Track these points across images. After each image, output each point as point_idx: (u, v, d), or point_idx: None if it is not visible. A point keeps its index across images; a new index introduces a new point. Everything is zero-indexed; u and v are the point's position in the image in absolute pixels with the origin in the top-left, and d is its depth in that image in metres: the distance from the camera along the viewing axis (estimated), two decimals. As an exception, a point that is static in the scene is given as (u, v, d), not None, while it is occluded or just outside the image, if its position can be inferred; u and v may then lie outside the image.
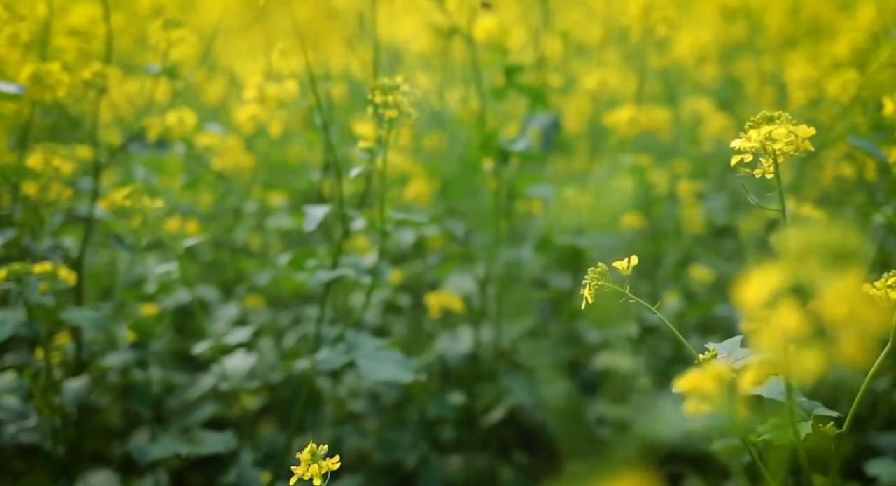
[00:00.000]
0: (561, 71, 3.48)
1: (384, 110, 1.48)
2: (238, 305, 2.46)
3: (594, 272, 1.14)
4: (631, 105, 2.54)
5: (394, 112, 1.47)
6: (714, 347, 1.15)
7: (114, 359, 1.80)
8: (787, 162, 1.03)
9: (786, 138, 1.00)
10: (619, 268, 1.16)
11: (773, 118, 1.03)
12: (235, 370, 1.83)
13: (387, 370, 1.67)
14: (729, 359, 1.07)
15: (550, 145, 2.17)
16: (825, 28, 3.86)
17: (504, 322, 2.41)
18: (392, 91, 1.48)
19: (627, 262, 1.15)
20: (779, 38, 3.36)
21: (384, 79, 1.49)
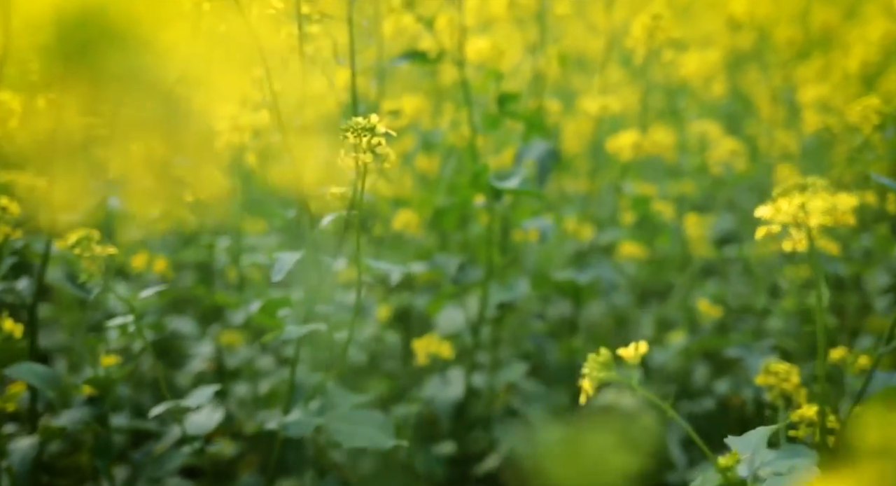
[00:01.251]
0: (561, 86, 3.32)
1: (358, 154, 1.32)
2: (214, 342, 2.30)
3: (595, 361, 0.98)
4: (634, 128, 2.39)
5: (369, 157, 1.31)
6: (735, 444, 0.98)
7: (67, 418, 1.64)
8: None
9: (823, 211, 0.84)
10: (625, 357, 1.00)
11: (807, 186, 0.87)
12: (200, 428, 1.67)
13: (364, 435, 1.51)
14: (754, 464, 0.90)
15: (547, 177, 2.01)
16: (835, 38, 3.70)
17: (499, 366, 2.26)
18: (367, 133, 1.31)
19: (635, 349, 0.99)
20: (788, 50, 3.19)
21: (358, 118, 1.32)
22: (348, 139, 1.33)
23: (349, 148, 1.33)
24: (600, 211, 2.98)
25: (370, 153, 1.32)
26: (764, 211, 0.91)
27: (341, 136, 1.34)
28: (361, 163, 1.32)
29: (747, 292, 2.90)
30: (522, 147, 2.05)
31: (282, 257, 1.52)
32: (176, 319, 2.51)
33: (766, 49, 3.71)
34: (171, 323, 2.47)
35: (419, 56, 1.87)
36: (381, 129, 1.33)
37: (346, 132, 1.33)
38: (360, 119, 1.33)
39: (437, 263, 2.08)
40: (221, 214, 2.21)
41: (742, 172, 2.56)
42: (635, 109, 3.35)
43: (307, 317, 1.67)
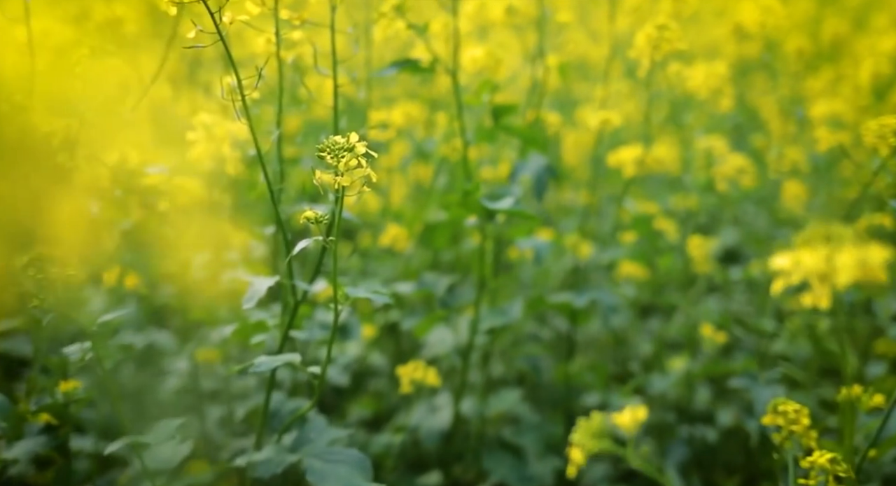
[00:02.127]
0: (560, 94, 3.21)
1: (336, 176, 1.20)
2: (190, 359, 2.19)
3: (586, 429, 0.86)
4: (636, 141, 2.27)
5: (347, 180, 1.20)
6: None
7: (21, 448, 1.52)
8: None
9: (852, 267, 0.72)
10: (622, 426, 0.88)
11: (833, 236, 0.75)
12: (165, 463, 1.55)
13: (339, 476, 1.39)
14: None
15: (544, 194, 1.89)
16: (845, 49, 3.58)
17: (490, 389, 2.14)
18: (345, 153, 1.20)
19: (632, 416, 0.87)
20: (798, 61, 3.07)
21: (336, 137, 1.21)
22: (325, 160, 1.21)
23: (326, 169, 1.22)
24: (600, 225, 2.86)
25: (348, 175, 1.20)
26: (783, 262, 0.79)
27: (316, 155, 1.22)
28: (339, 186, 1.21)
29: (750, 311, 2.79)
30: (518, 163, 1.93)
31: (254, 284, 1.40)
32: (155, 331, 2.40)
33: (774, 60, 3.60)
34: (151, 336, 2.36)
35: (410, 65, 1.76)
36: (360, 149, 1.21)
37: (323, 153, 1.21)
38: (339, 138, 1.21)
39: (426, 283, 1.96)
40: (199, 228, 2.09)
41: (749, 189, 2.45)
42: (637, 120, 3.25)
43: (283, 342, 1.56)
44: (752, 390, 1.91)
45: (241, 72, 1.47)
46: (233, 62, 1.33)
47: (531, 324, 2.42)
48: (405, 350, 2.37)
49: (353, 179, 1.21)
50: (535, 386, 2.46)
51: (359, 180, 1.22)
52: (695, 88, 2.19)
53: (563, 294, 2.10)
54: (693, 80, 2.12)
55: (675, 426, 2.21)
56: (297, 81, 1.77)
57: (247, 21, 1.43)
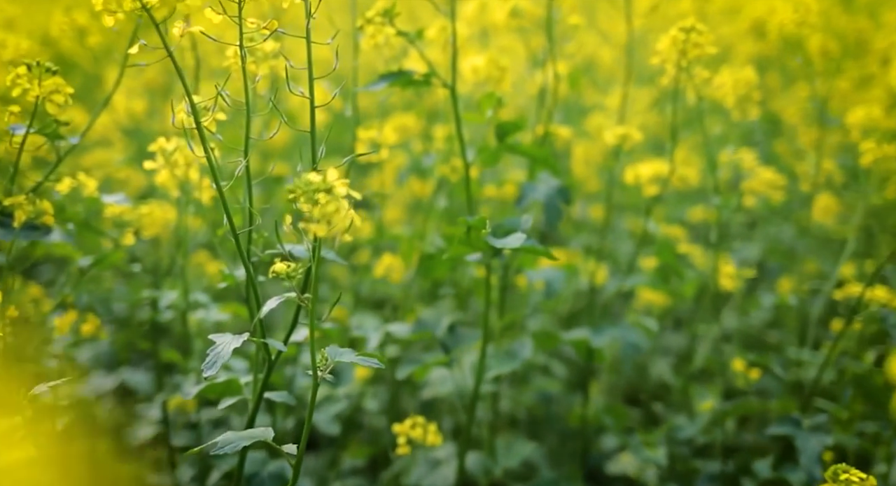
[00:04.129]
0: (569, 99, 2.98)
1: (309, 223, 0.97)
2: (163, 408, 1.96)
3: None
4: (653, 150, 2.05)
5: (322, 229, 0.97)
6: None
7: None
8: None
9: None
10: None
11: None
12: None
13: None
14: None
15: (557, 221, 1.67)
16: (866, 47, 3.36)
17: (496, 431, 1.92)
18: (322, 194, 0.97)
19: None
20: (823, 62, 2.84)
21: (310, 177, 0.98)
22: (298, 204, 0.99)
23: (300, 214, 0.99)
24: (614, 243, 2.64)
25: (325, 223, 0.97)
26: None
27: (287, 197, 1.00)
28: (313, 235, 0.98)
29: (775, 333, 2.56)
30: (527, 185, 1.70)
31: (217, 346, 1.17)
32: (129, 371, 2.18)
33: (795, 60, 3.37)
34: (123, 375, 2.14)
35: (402, 78, 1.53)
36: (340, 189, 0.98)
37: (295, 193, 0.99)
38: (314, 177, 0.99)
39: (424, 323, 1.73)
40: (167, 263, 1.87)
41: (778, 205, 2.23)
42: (653, 128, 3.01)
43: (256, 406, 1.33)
44: (797, 438, 1.68)
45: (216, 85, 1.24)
46: (185, 84, 1.11)
47: (541, 354, 2.20)
48: (403, 389, 2.16)
49: (333, 227, 0.99)
50: (546, 422, 2.24)
51: (340, 225, 0.99)
52: (721, 95, 1.96)
53: (579, 330, 1.87)
54: (720, 87, 1.89)
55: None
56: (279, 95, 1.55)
57: (204, 32, 1.20)
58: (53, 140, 1.47)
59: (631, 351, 1.78)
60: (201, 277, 2.22)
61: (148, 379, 2.13)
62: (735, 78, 1.94)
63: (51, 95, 1.37)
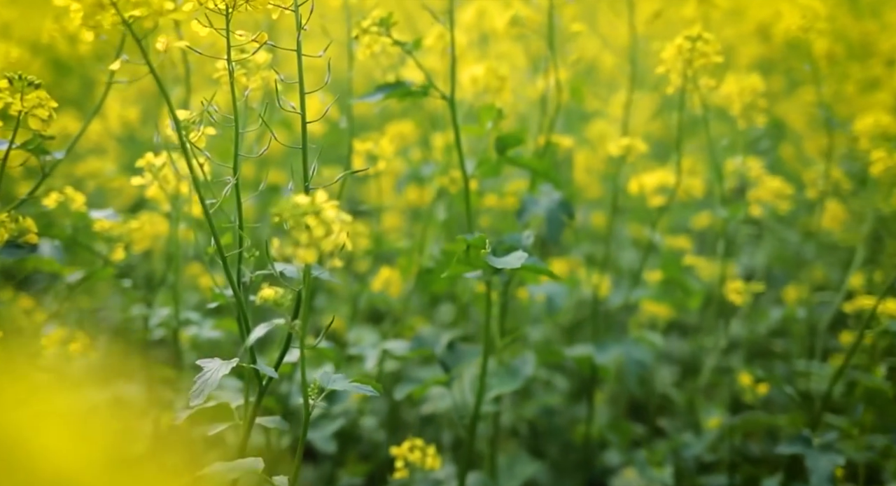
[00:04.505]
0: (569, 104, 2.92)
1: (296, 250, 0.92)
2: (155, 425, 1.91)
3: None
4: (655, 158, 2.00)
5: (311, 255, 0.92)
6: None
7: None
8: None
9: None
10: None
11: None
12: None
13: None
14: None
15: (559, 235, 1.62)
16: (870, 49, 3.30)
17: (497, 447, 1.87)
18: (311, 218, 0.92)
19: None
20: (829, 65, 2.78)
21: (298, 199, 0.93)
22: (287, 228, 0.94)
23: (289, 239, 0.94)
24: (615, 251, 2.58)
25: (314, 249, 0.92)
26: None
27: (273, 220, 0.95)
28: (303, 261, 0.93)
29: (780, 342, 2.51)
30: (528, 198, 1.65)
31: (206, 372, 1.12)
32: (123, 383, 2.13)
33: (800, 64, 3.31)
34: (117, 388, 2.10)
35: (399, 89, 1.48)
36: (329, 213, 0.93)
37: (282, 217, 0.94)
38: (301, 200, 0.94)
39: (423, 340, 1.68)
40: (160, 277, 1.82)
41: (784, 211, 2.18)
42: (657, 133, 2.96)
43: (247, 433, 1.28)
44: (808, 458, 1.63)
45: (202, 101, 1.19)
46: (169, 102, 1.06)
47: (543, 367, 2.15)
48: (402, 402, 2.11)
49: (323, 252, 0.94)
50: (548, 434, 2.19)
51: (331, 250, 0.94)
52: (727, 103, 1.91)
53: (582, 347, 1.82)
54: (726, 97, 1.84)
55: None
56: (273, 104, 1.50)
57: (191, 47, 1.16)
58: (38, 155, 1.42)
59: (636, 368, 1.73)
60: (195, 288, 2.17)
61: (143, 392, 2.08)
62: (741, 86, 1.89)
63: (34, 110, 1.32)
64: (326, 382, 1.10)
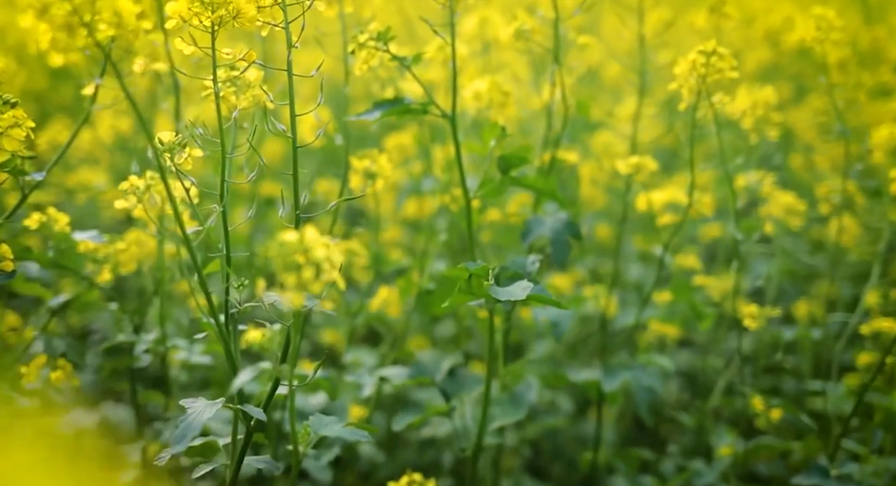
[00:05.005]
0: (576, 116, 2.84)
1: (284, 293, 0.85)
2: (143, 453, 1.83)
3: None
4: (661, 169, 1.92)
5: (300, 298, 0.85)
6: None
7: None
8: None
9: None
10: None
11: None
12: None
13: None
14: None
15: (565, 259, 1.54)
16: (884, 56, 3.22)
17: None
18: (300, 257, 0.85)
19: None
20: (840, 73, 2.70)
21: (288, 238, 0.86)
22: (279, 268, 0.86)
23: (279, 281, 0.87)
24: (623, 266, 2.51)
25: (303, 291, 0.85)
26: None
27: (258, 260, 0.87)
28: (291, 306, 0.86)
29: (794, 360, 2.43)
30: (533, 219, 1.58)
31: (189, 415, 1.05)
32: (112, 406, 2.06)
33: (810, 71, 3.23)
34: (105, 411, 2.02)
35: (398, 106, 1.40)
36: (320, 251, 0.86)
37: (270, 257, 0.86)
38: (291, 238, 0.86)
39: (422, 367, 1.60)
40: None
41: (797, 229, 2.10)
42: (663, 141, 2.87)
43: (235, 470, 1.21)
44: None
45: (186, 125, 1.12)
46: (146, 129, 0.98)
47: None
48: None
49: (313, 294, 0.86)
50: (552, 453, 2.12)
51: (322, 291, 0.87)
52: (738, 116, 1.84)
53: (589, 371, 1.75)
54: (736, 108, 1.76)
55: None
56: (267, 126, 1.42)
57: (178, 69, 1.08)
58: (16, 176, 1.35)
59: (646, 396, 1.65)
60: (187, 306, 2.10)
61: (131, 415, 2.01)
62: (753, 99, 1.81)
63: (9, 130, 1.25)
64: (318, 427, 1.03)
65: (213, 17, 1.08)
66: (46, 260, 1.47)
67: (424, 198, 2.27)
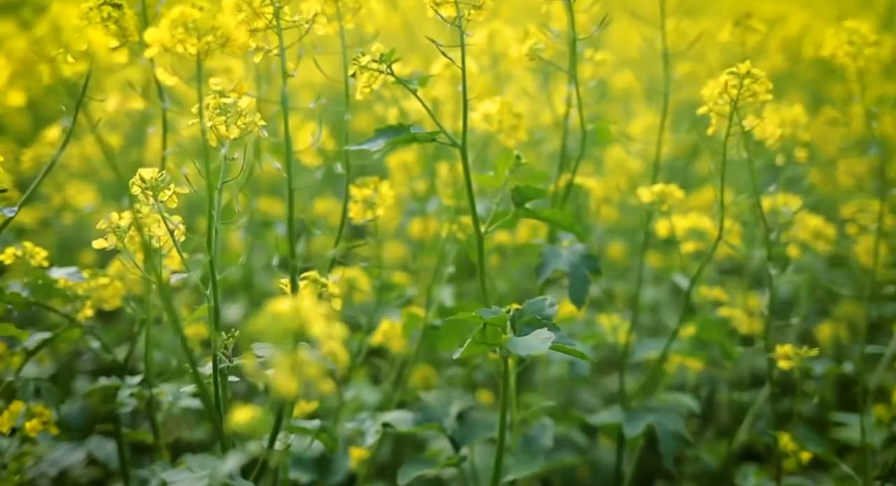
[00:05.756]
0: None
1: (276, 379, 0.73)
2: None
3: None
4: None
5: (294, 384, 0.73)
6: None
7: None
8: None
9: None
10: None
11: None
12: None
13: None
14: None
15: (584, 296, 1.42)
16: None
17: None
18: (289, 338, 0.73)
19: None
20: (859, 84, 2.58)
21: (278, 304, 0.74)
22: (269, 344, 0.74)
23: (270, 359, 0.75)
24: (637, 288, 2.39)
25: (297, 375, 0.73)
26: None
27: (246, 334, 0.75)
28: (282, 392, 0.74)
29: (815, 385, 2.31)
30: (548, 251, 1.46)
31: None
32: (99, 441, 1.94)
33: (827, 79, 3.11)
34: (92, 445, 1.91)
35: (403, 135, 1.28)
36: (318, 326, 0.74)
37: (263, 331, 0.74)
38: (285, 306, 0.74)
39: (429, 409, 1.49)
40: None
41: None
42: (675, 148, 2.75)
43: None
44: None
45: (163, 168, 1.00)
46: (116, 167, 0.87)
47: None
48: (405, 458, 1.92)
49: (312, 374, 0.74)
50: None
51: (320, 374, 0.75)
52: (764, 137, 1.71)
53: (609, 413, 1.63)
54: (765, 130, 1.64)
55: None
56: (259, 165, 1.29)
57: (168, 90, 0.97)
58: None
59: (671, 442, 1.53)
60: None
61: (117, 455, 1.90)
62: (781, 118, 1.69)
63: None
64: None
65: (199, 44, 0.96)
66: (20, 301, 1.35)
67: (429, 217, 2.16)
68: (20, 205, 1.27)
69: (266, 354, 0.98)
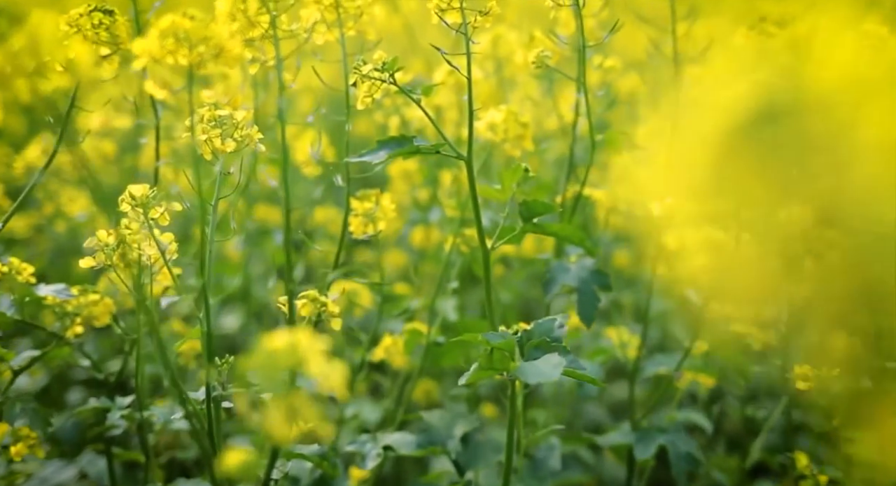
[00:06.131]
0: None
1: (269, 424, 0.67)
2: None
3: None
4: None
5: (288, 431, 0.67)
6: None
7: None
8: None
9: None
10: None
11: None
12: None
13: None
14: None
15: (593, 314, 1.37)
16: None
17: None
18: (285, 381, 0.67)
19: None
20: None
21: (275, 340, 0.68)
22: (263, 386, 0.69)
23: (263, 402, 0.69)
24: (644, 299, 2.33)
25: (293, 420, 0.67)
26: None
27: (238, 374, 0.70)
28: (275, 440, 0.68)
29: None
30: (556, 266, 1.40)
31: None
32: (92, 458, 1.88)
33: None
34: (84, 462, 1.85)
35: (405, 147, 1.23)
36: (316, 364, 0.68)
37: (257, 370, 0.69)
38: (280, 343, 0.69)
39: (432, 430, 1.43)
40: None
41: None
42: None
43: None
44: None
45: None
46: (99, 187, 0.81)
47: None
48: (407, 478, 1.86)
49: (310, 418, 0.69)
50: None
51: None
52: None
53: (618, 434, 1.57)
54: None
55: None
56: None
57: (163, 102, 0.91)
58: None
59: (684, 465, 1.48)
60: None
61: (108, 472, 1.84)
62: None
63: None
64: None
65: (190, 55, 0.90)
66: (6, 320, 1.30)
67: (431, 225, 2.10)
68: (8, 217, 1.21)
69: (259, 394, 0.93)
